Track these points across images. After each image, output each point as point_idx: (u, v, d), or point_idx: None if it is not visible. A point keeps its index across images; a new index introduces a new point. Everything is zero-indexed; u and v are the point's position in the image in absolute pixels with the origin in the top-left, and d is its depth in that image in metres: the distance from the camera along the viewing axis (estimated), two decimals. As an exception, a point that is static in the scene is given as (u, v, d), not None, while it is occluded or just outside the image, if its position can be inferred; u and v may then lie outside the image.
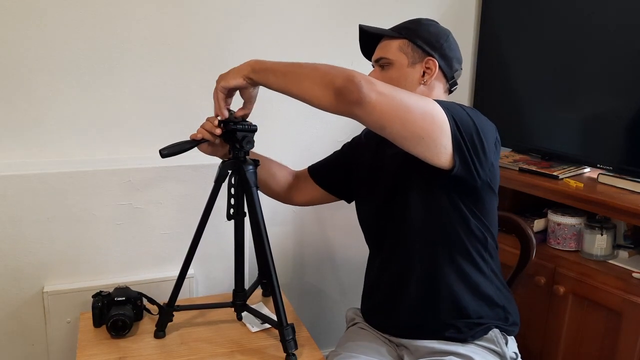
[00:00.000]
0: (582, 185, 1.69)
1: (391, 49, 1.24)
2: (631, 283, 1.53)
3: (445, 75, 1.26)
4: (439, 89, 1.26)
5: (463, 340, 1.24)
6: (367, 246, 1.42)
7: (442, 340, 1.24)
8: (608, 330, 1.56)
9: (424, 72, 1.23)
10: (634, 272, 1.57)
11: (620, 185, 1.66)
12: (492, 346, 1.24)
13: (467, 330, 1.24)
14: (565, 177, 1.76)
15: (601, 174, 1.72)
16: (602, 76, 1.71)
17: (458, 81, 1.30)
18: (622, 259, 1.66)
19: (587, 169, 1.85)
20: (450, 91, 1.29)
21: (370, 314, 1.39)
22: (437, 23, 1.28)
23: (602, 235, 1.64)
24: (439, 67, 1.23)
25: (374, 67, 1.30)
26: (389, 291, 1.31)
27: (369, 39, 1.30)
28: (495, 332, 1.25)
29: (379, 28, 1.28)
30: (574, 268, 1.64)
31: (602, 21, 1.69)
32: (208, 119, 1.28)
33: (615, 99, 1.69)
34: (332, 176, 1.48)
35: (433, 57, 1.23)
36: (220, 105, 1.23)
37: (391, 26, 1.30)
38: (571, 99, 1.81)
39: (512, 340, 1.29)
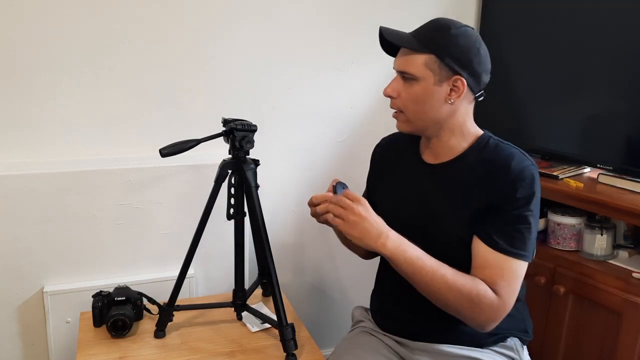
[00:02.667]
0: (582, 185, 1.69)
1: (416, 63, 1.13)
2: (631, 283, 1.53)
3: (472, 90, 1.16)
4: (464, 104, 1.18)
5: (481, 344, 1.23)
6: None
7: (459, 344, 1.23)
8: (608, 330, 1.56)
9: (450, 90, 1.14)
10: (634, 272, 1.57)
11: (620, 185, 1.66)
12: (511, 353, 1.25)
13: (487, 337, 1.23)
14: (565, 177, 1.76)
15: (601, 174, 1.72)
16: (602, 76, 1.71)
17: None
18: (622, 259, 1.66)
19: (587, 169, 1.85)
20: (475, 100, 1.21)
21: (382, 316, 1.35)
22: (467, 28, 1.16)
23: (602, 235, 1.64)
24: (467, 85, 1.14)
25: (395, 69, 1.19)
26: (407, 298, 1.23)
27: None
28: (514, 341, 1.26)
29: (402, 35, 1.17)
30: (574, 268, 1.64)
31: (602, 21, 1.69)
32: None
33: (615, 99, 1.69)
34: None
35: (461, 75, 1.13)
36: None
37: (394, 24, 1.19)
38: (571, 99, 1.81)
39: (525, 348, 1.30)
